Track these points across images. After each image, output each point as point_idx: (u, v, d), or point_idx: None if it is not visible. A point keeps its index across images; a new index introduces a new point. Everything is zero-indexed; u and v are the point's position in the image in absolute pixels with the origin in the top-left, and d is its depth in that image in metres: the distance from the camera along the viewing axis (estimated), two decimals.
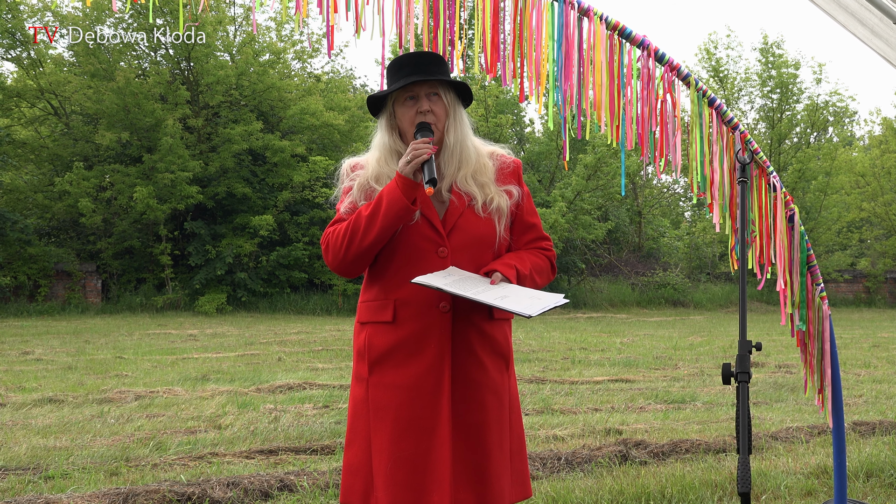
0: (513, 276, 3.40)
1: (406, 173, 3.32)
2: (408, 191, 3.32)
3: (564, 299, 3.43)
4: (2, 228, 24.98)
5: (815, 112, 35.05)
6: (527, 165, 32.26)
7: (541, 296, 3.38)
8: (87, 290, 26.10)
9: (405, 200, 3.31)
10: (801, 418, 8.30)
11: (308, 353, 14.28)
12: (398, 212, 3.33)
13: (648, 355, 14.36)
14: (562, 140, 5.65)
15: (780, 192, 4.42)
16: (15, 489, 5.63)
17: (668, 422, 8.17)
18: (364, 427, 3.47)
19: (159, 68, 28.17)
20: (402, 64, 3.51)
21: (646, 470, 6.13)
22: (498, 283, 3.34)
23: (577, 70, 3.97)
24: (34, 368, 12.06)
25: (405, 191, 3.32)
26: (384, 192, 3.36)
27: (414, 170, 3.31)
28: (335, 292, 26.87)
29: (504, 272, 3.38)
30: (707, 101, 4.26)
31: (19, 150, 27.97)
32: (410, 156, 3.32)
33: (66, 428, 7.69)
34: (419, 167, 3.32)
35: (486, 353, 3.46)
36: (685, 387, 10.69)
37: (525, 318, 4.70)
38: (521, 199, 3.63)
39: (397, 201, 3.31)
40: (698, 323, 23.34)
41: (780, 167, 33.93)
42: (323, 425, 7.76)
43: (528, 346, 15.64)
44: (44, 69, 28.04)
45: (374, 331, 3.48)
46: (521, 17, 3.89)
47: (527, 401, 9.35)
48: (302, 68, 32.76)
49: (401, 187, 3.32)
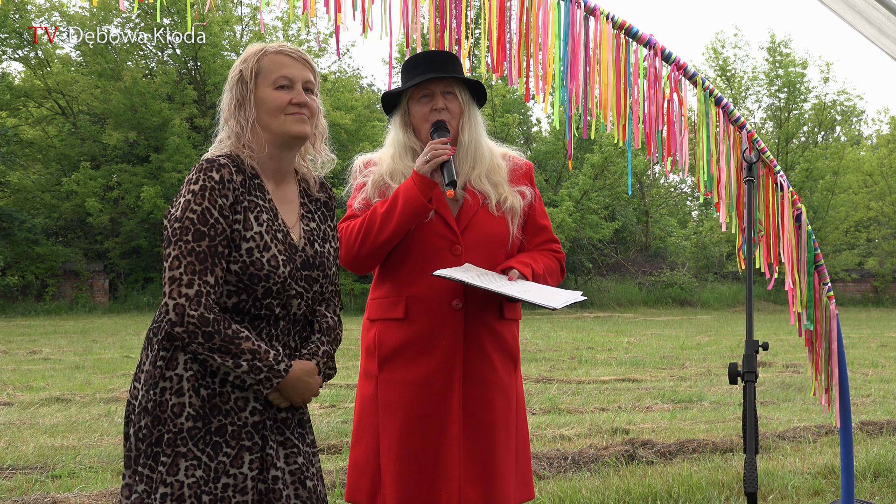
0: (529, 273, 3.40)
1: (424, 172, 3.33)
2: (425, 189, 3.33)
3: (583, 296, 3.44)
4: (9, 228, 25.03)
5: (823, 111, 34.99)
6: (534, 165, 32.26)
7: (559, 292, 3.40)
8: (94, 290, 26.15)
9: (422, 199, 3.32)
10: (809, 418, 8.28)
11: None
12: (414, 209, 3.33)
13: (655, 355, 14.34)
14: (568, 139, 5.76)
15: (788, 192, 4.42)
16: (22, 488, 5.64)
17: (675, 421, 8.16)
18: (372, 424, 3.47)
19: (166, 68, 28.20)
20: (417, 62, 3.53)
21: (652, 470, 6.12)
22: (515, 280, 3.35)
23: (583, 69, 3.96)
24: (42, 368, 12.08)
25: (422, 189, 3.32)
26: (400, 189, 3.36)
27: (432, 169, 3.33)
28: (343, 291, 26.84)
29: (521, 269, 3.39)
30: (714, 100, 4.26)
31: (27, 149, 28.04)
32: (429, 155, 3.33)
33: (74, 427, 7.70)
34: (437, 167, 3.33)
35: (497, 352, 3.47)
36: (692, 386, 10.67)
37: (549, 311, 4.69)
38: (534, 200, 3.64)
39: (414, 199, 3.32)
40: (705, 322, 23.31)
41: (787, 166, 33.86)
42: (329, 424, 7.77)
43: (535, 345, 15.63)
44: (51, 69, 28.10)
45: (385, 327, 3.48)
46: (527, 16, 3.89)
47: (533, 400, 9.34)
48: None
49: (418, 185, 3.32)
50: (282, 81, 2.85)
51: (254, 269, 2.73)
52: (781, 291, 24.65)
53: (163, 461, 2.68)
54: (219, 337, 2.65)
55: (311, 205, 3.01)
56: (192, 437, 2.70)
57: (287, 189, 2.96)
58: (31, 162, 28.72)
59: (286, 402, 2.80)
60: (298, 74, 2.87)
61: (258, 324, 2.80)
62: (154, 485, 2.69)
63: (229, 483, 2.70)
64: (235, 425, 2.74)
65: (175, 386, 2.73)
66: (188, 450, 2.68)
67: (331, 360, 2.94)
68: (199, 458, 2.69)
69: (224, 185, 2.74)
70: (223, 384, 2.75)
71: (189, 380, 2.72)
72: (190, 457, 2.68)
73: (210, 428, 2.72)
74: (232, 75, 2.91)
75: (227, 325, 2.68)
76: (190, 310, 2.64)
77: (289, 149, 2.91)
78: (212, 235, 2.70)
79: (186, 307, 2.64)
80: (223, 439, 2.72)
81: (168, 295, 2.67)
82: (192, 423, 2.70)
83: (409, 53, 3.67)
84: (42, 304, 24.81)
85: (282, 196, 2.93)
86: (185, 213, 2.71)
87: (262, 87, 2.85)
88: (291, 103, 2.84)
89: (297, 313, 2.88)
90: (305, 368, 2.81)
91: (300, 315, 2.90)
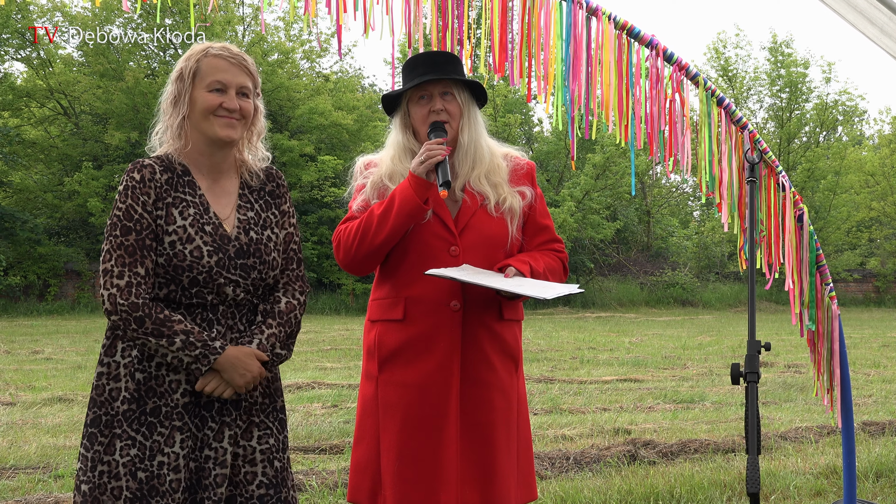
0: (527, 271, 3.39)
1: (419, 173, 3.32)
2: (420, 190, 3.32)
3: (579, 289, 3.44)
4: (12, 228, 25.06)
5: (825, 111, 34.99)
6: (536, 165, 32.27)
7: (554, 285, 3.40)
8: (96, 290, 26.16)
9: (417, 200, 3.31)
10: (811, 418, 8.29)
11: (316, 352, 14.30)
12: (410, 211, 3.32)
13: (657, 355, 14.35)
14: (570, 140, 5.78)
15: (790, 192, 4.42)
16: (25, 488, 5.65)
17: (676, 422, 8.17)
18: (373, 425, 3.47)
19: (168, 68, 28.19)
20: (416, 63, 3.52)
21: (655, 470, 6.12)
22: (512, 277, 3.34)
23: (585, 69, 3.97)
24: (44, 368, 12.09)
25: (418, 190, 3.32)
26: (397, 191, 3.36)
27: (427, 170, 3.32)
28: (344, 291, 26.87)
29: (518, 267, 3.39)
30: (716, 100, 4.26)
31: (29, 149, 28.06)
32: (424, 156, 3.32)
33: (76, 427, 7.71)
34: (433, 168, 3.32)
35: (496, 353, 3.46)
36: (694, 386, 10.67)
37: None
38: (534, 200, 3.63)
39: (409, 200, 3.31)
40: (707, 322, 23.31)
41: (789, 166, 33.86)
42: (331, 424, 7.77)
43: (537, 345, 15.63)
44: (53, 69, 28.14)
45: (385, 329, 3.48)
46: (529, 16, 3.90)
47: (535, 400, 9.35)
48: (310, 68, 32.83)
49: (413, 187, 3.32)
50: (215, 85, 2.98)
51: (177, 260, 2.87)
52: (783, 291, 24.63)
53: (100, 441, 2.86)
54: (150, 321, 2.80)
55: (250, 195, 3.11)
56: (126, 418, 2.86)
57: (225, 183, 3.09)
58: (34, 162, 28.74)
59: (229, 388, 2.91)
60: (233, 80, 2.99)
61: (194, 310, 2.93)
62: (89, 463, 2.87)
63: (164, 461, 2.84)
64: (168, 406, 2.88)
65: (112, 372, 2.90)
66: (123, 430, 2.85)
67: (279, 342, 3.03)
68: (134, 437, 2.85)
69: (145, 184, 2.91)
70: (159, 368, 2.90)
71: (126, 366, 2.89)
72: (125, 437, 2.85)
73: (145, 409, 2.87)
74: (175, 70, 3.05)
75: (160, 310, 2.84)
76: (121, 299, 2.81)
77: (218, 148, 3.03)
78: (138, 230, 2.86)
79: (118, 296, 2.81)
80: (157, 419, 2.87)
81: (102, 286, 2.85)
82: (128, 406, 2.86)
83: (410, 54, 3.67)
84: (44, 304, 24.83)
85: (218, 190, 3.06)
86: (114, 211, 2.91)
87: (198, 88, 2.99)
88: (222, 107, 2.97)
89: (237, 299, 2.99)
90: (243, 350, 2.92)
91: (242, 300, 3.01)
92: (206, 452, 2.91)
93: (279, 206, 3.16)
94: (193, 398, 2.92)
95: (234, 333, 2.98)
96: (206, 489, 2.89)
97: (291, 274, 3.13)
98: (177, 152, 3.02)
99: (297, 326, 3.12)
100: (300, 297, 3.12)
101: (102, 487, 2.83)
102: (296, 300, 3.10)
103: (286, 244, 3.13)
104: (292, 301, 3.09)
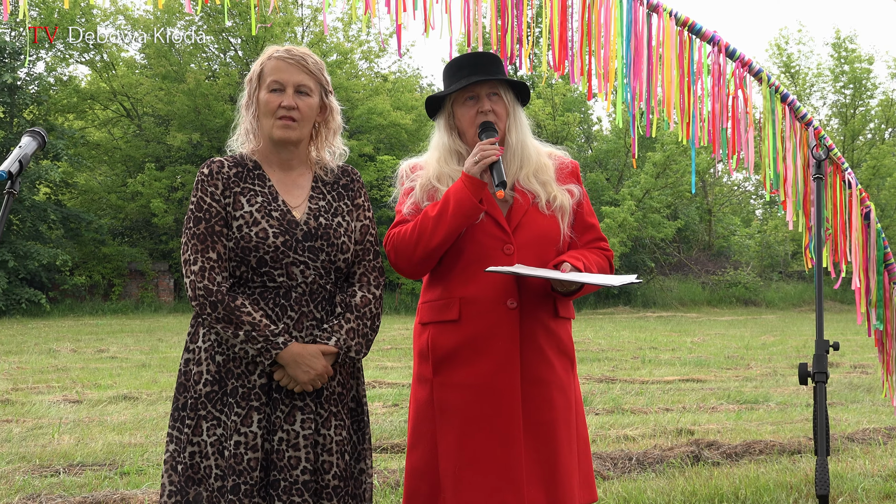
0: (581, 266, 3.37)
1: (473, 173, 3.31)
2: (475, 190, 3.31)
3: (638, 279, 3.42)
4: (77, 228, 25.52)
5: (890, 107, 34.38)
6: (594, 164, 32.10)
7: (614, 277, 3.39)
8: (159, 289, 26.55)
9: (473, 200, 3.31)
10: (878, 419, 8.14)
11: (377, 351, 14.34)
12: (466, 211, 3.32)
13: (720, 355, 14.20)
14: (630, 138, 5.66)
15: (856, 189, 4.34)
16: (92, 484, 5.73)
17: (740, 422, 8.07)
18: (429, 429, 3.44)
19: (229, 69, 28.52)
20: (460, 65, 3.52)
21: (719, 471, 6.05)
22: (568, 272, 3.32)
23: (646, 67, 3.93)
24: (109, 366, 12.29)
25: (473, 190, 3.31)
26: (451, 191, 3.35)
27: (481, 170, 3.31)
28: (403, 291, 26.95)
29: (573, 263, 3.36)
30: (780, 97, 4.20)
31: (93, 151, 28.56)
32: (479, 156, 3.32)
33: (141, 425, 7.82)
34: (486, 168, 3.32)
35: (553, 351, 3.44)
36: (758, 387, 10.55)
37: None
38: (581, 198, 3.61)
39: (465, 201, 3.31)
40: (770, 322, 23.01)
41: (853, 164, 33.30)
42: (393, 424, 7.79)
43: (598, 345, 15.55)
44: (116, 72, 28.57)
45: (438, 330, 3.46)
46: (588, 13, 3.87)
47: (597, 400, 9.29)
48: (369, 68, 32.99)
49: (468, 187, 3.31)
50: (274, 85, 3.13)
51: (244, 242, 3.03)
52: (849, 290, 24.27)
53: (188, 423, 3.02)
54: (222, 306, 2.96)
55: (323, 188, 3.24)
56: (210, 400, 3.02)
57: (296, 177, 3.23)
58: (98, 164, 29.24)
59: (292, 381, 3.02)
60: (290, 78, 3.13)
61: (267, 295, 3.07)
62: (182, 444, 3.02)
63: (240, 441, 2.97)
64: (245, 387, 3.01)
65: (196, 357, 3.08)
66: (207, 412, 3.01)
67: (360, 336, 3.13)
68: (219, 417, 3.01)
69: (213, 177, 3.11)
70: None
71: (207, 350, 3.06)
72: (209, 418, 3.01)
73: (226, 389, 3.03)
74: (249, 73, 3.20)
75: (233, 297, 3.00)
76: (197, 282, 2.99)
77: (282, 147, 3.19)
78: (207, 218, 3.06)
79: (196, 281, 2.99)
80: (235, 400, 3.00)
81: (184, 276, 3.06)
82: (210, 388, 3.02)
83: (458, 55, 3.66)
84: (109, 303, 25.25)
85: (289, 182, 3.21)
86: (189, 206, 3.13)
87: (262, 89, 3.15)
88: (280, 107, 3.11)
89: (308, 282, 3.09)
90: (307, 348, 3.03)
91: (315, 286, 3.11)
92: (279, 435, 3.01)
93: (353, 199, 3.28)
94: (270, 380, 3.04)
95: (311, 321, 3.09)
96: (281, 470, 2.99)
97: (368, 265, 3.25)
98: (251, 151, 3.21)
99: (376, 322, 3.20)
100: (375, 291, 3.20)
101: (196, 467, 3.00)
102: (371, 294, 3.19)
103: (362, 235, 3.26)
104: (367, 295, 3.18)
